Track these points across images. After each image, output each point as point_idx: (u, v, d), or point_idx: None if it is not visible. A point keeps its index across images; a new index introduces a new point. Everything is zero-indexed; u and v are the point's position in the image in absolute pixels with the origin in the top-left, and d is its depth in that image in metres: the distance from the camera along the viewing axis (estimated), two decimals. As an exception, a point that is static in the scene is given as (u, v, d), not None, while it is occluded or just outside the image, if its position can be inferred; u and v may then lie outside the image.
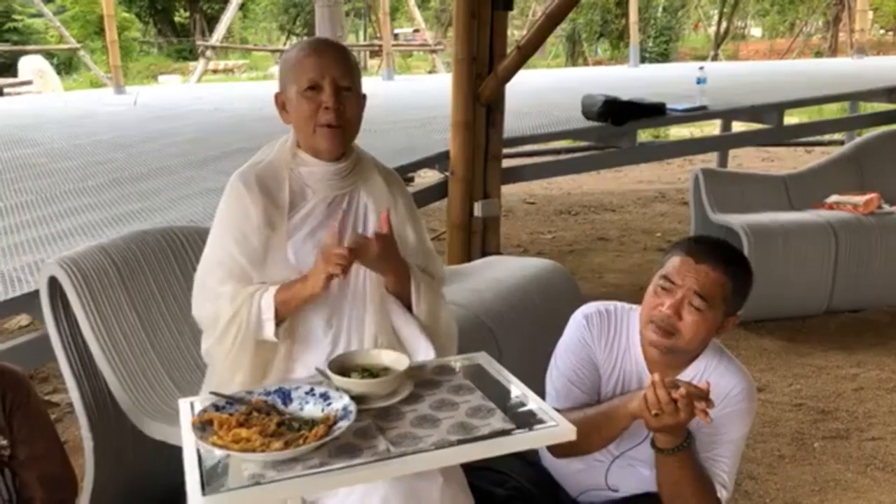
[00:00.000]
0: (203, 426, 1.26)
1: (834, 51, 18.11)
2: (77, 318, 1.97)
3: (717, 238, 1.76)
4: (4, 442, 1.59)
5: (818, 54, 17.97)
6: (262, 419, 1.28)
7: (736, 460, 1.71)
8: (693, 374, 1.69)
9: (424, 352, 1.69)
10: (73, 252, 2.02)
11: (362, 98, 1.73)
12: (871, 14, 14.64)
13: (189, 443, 1.26)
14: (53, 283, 1.98)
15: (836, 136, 8.28)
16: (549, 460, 1.86)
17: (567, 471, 1.83)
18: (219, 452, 1.23)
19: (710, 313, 1.61)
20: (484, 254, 4.13)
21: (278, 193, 1.69)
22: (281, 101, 1.72)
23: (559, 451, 1.73)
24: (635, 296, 1.78)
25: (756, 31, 25.43)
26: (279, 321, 1.63)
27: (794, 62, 13.54)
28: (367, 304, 1.71)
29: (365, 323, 1.70)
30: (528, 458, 1.89)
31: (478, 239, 4.33)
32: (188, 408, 1.39)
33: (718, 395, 1.63)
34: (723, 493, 1.68)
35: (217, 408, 1.32)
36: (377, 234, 1.62)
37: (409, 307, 1.72)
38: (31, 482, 1.61)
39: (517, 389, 1.48)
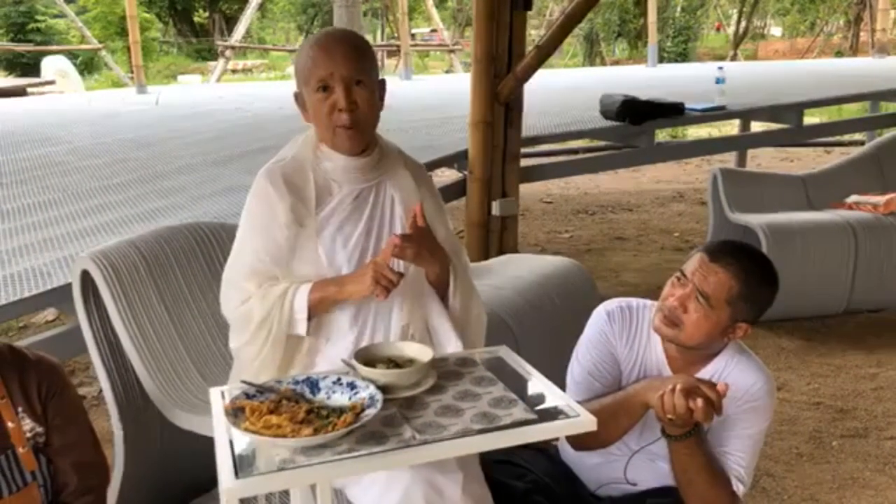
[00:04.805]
0: (235, 412, 1.30)
1: (855, 50, 17.92)
2: (108, 311, 2.01)
3: (748, 245, 1.74)
4: (40, 429, 1.64)
5: (839, 54, 17.79)
6: (292, 407, 1.31)
7: (754, 456, 1.73)
8: (713, 371, 1.71)
9: (453, 347, 1.71)
10: (104, 246, 2.06)
11: (380, 85, 1.71)
12: (892, 13, 14.48)
13: (221, 428, 1.30)
14: (85, 277, 2.02)
15: (857, 136, 8.22)
16: (568, 454, 1.88)
17: (586, 465, 1.85)
18: (250, 438, 1.26)
19: (713, 313, 1.63)
20: (501, 252, 4.15)
21: (304, 189, 1.69)
22: (301, 101, 1.72)
23: (579, 442, 1.76)
24: (652, 295, 1.80)
25: (776, 31, 25.20)
26: (309, 318, 1.65)
27: (815, 62, 13.43)
28: (393, 298, 1.69)
29: (392, 318, 1.71)
30: (548, 452, 1.92)
31: (495, 238, 4.36)
32: (219, 396, 1.43)
33: (737, 392, 1.65)
34: (739, 487, 1.70)
35: (248, 396, 1.36)
36: (415, 228, 1.63)
37: (444, 298, 1.74)
38: (65, 468, 1.66)
39: (537, 381, 1.51)
